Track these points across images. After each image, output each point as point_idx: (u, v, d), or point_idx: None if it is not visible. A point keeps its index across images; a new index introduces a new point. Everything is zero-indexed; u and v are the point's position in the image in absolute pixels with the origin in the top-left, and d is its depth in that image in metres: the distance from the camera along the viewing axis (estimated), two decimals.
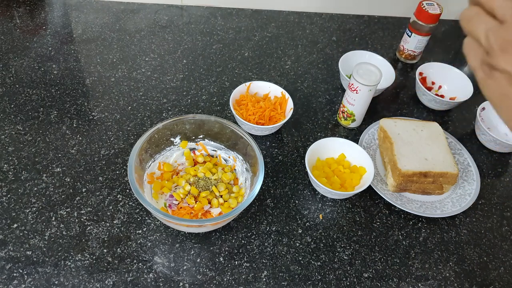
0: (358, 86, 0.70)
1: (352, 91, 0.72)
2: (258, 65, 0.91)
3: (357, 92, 0.71)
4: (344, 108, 0.76)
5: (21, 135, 0.72)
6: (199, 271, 0.59)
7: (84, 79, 0.82)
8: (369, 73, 0.71)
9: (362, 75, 0.70)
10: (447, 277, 0.63)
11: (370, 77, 0.70)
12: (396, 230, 0.67)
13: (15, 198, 0.64)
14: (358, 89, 0.71)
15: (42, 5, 0.97)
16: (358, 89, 0.71)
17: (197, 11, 1.02)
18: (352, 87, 0.72)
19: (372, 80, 0.70)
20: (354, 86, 0.71)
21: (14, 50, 0.86)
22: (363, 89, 0.71)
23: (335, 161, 0.72)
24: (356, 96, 0.72)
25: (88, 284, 0.56)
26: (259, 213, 0.67)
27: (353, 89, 0.72)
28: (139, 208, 0.65)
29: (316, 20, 1.04)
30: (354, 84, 0.71)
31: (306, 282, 0.60)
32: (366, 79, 0.70)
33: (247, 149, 0.65)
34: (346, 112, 0.76)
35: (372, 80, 0.70)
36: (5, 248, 0.59)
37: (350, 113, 0.76)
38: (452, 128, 0.85)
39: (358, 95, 0.72)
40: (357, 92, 0.71)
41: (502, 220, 0.71)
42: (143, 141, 0.62)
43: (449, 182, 0.70)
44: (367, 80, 0.70)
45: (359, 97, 0.72)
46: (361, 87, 0.70)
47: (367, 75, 0.70)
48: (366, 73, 0.70)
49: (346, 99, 0.74)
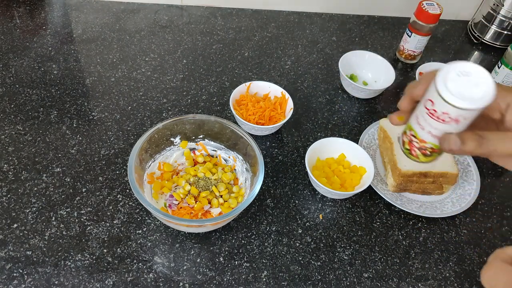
0: (459, 113, 0.36)
1: (444, 121, 0.37)
2: (258, 65, 0.91)
3: (457, 123, 0.37)
4: (424, 144, 0.41)
5: (21, 135, 0.72)
6: (199, 271, 0.59)
7: (84, 79, 0.82)
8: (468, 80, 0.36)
9: (459, 92, 0.35)
10: (447, 277, 0.63)
11: (472, 89, 0.36)
12: (396, 230, 0.67)
13: (15, 198, 0.64)
14: (459, 118, 0.36)
15: (42, 5, 0.97)
16: (460, 117, 0.36)
17: (197, 11, 1.02)
18: (445, 117, 0.37)
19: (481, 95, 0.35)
20: (451, 115, 0.36)
21: (14, 50, 0.86)
22: (468, 115, 0.36)
23: (335, 161, 0.72)
24: (454, 127, 0.38)
25: (88, 284, 0.56)
26: (259, 213, 0.67)
27: (446, 119, 0.37)
28: (139, 208, 0.65)
29: (316, 20, 1.04)
30: (451, 112, 0.36)
31: (306, 282, 0.60)
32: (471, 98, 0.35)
33: (247, 149, 0.65)
34: (431, 148, 0.41)
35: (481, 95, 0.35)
36: (5, 248, 0.59)
37: (438, 148, 0.41)
38: None
39: (457, 125, 0.37)
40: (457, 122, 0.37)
41: (502, 220, 0.71)
42: (143, 141, 0.62)
43: (449, 182, 0.70)
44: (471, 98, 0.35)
45: (459, 127, 0.38)
46: (465, 113, 0.36)
47: (467, 87, 0.36)
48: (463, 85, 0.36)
49: (429, 132, 0.40)
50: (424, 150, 0.42)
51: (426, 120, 0.39)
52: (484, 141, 0.37)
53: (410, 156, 0.44)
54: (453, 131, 0.38)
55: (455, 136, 0.38)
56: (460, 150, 0.38)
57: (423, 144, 0.41)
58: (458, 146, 0.38)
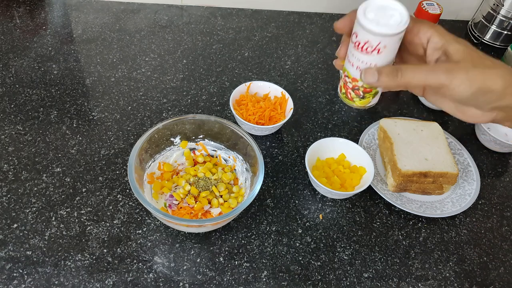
0: (378, 40, 0.40)
1: (368, 52, 0.41)
2: (258, 65, 0.91)
3: (378, 52, 0.41)
4: (355, 82, 0.45)
5: (21, 135, 0.72)
6: (199, 271, 0.59)
7: (84, 79, 0.82)
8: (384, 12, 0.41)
9: (376, 20, 0.40)
10: (447, 277, 0.63)
11: (389, 19, 0.40)
12: (396, 230, 0.67)
13: (15, 198, 0.64)
14: (379, 46, 0.40)
15: (42, 5, 0.97)
16: (380, 46, 0.40)
17: (197, 11, 1.02)
18: (367, 46, 0.41)
19: (395, 23, 0.40)
20: (372, 43, 0.40)
21: (14, 50, 0.86)
22: (387, 42, 0.40)
23: (335, 161, 0.72)
24: (377, 58, 0.42)
25: (88, 284, 0.56)
26: (259, 213, 0.67)
27: (369, 49, 0.41)
28: (139, 208, 0.65)
29: (316, 20, 1.04)
30: (371, 40, 0.40)
31: (306, 282, 0.60)
32: (386, 24, 0.40)
33: (247, 149, 0.65)
34: (363, 86, 0.45)
35: (396, 22, 0.40)
36: (5, 248, 0.59)
37: (369, 86, 0.45)
38: (452, 128, 0.85)
39: (379, 56, 0.41)
40: (379, 51, 0.41)
41: (502, 220, 0.71)
42: (143, 141, 0.62)
43: (449, 182, 0.70)
44: (387, 25, 0.40)
45: (382, 58, 0.42)
46: (383, 40, 0.40)
47: (383, 17, 0.40)
48: (380, 15, 0.41)
49: (357, 68, 0.44)
50: (357, 90, 0.46)
51: (354, 54, 0.43)
52: (399, 73, 0.40)
53: (347, 100, 0.48)
54: (378, 63, 0.42)
55: (373, 69, 0.41)
56: (378, 82, 0.41)
57: (355, 83, 0.45)
58: (375, 78, 0.41)
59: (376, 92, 0.46)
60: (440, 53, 0.41)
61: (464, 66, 0.39)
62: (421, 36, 0.42)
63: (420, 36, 0.42)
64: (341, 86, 0.48)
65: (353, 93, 0.46)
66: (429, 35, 0.41)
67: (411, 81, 0.40)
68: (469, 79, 0.38)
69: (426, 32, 0.41)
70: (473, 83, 0.38)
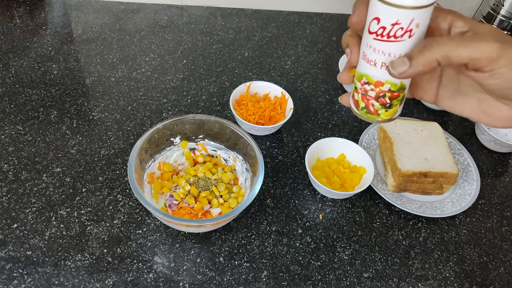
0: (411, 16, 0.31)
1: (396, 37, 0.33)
2: (258, 65, 0.91)
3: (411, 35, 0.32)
4: (380, 87, 0.36)
5: (21, 135, 0.72)
6: (199, 271, 0.59)
7: (84, 79, 0.82)
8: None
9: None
10: (447, 277, 0.63)
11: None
12: (396, 230, 0.67)
13: (15, 198, 0.64)
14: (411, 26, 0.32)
15: (42, 5, 0.97)
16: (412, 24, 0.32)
17: (197, 11, 1.02)
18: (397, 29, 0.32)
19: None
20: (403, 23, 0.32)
21: (14, 50, 0.86)
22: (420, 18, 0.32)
23: (335, 161, 0.72)
24: (408, 44, 0.33)
25: (88, 284, 0.56)
26: (259, 213, 0.67)
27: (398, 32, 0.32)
28: (139, 208, 0.65)
29: (316, 20, 1.04)
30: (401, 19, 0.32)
31: (306, 282, 0.60)
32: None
33: (247, 149, 0.65)
34: (390, 90, 0.36)
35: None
36: (5, 248, 0.59)
37: (397, 88, 0.36)
38: (452, 128, 0.85)
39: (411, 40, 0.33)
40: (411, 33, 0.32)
41: (502, 220, 0.71)
42: (143, 141, 0.62)
43: (449, 182, 0.70)
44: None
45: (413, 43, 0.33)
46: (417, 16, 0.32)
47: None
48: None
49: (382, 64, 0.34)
50: (383, 97, 0.36)
51: (376, 48, 0.34)
52: (433, 43, 0.31)
53: (368, 115, 0.38)
54: (408, 50, 0.33)
55: (400, 58, 0.33)
56: (412, 67, 0.32)
57: (380, 88, 0.36)
58: (406, 63, 0.32)
59: (403, 96, 0.37)
60: None
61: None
62: (439, 21, 0.34)
63: (438, 21, 0.34)
64: (357, 101, 0.38)
65: (377, 104, 0.36)
66: (450, 20, 0.34)
67: (453, 50, 0.31)
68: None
69: (445, 17, 0.34)
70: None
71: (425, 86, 0.39)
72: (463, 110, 0.37)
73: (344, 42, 0.37)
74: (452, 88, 0.37)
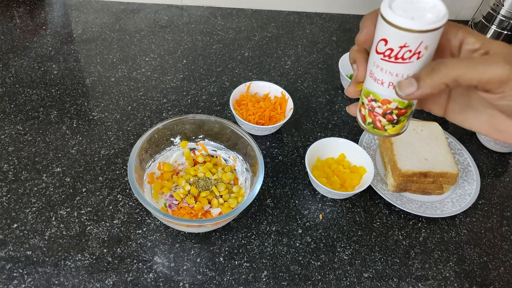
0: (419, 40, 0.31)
1: (404, 59, 0.32)
2: (258, 65, 0.91)
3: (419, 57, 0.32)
4: (388, 105, 0.36)
5: (21, 135, 0.72)
6: (199, 271, 0.59)
7: (84, 79, 0.82)
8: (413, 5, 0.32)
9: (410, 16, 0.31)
10: (447, 277, 0.63)
11: (423, 12, 0.31)
12: (396, 230, 0.67)
13: (15, 198, 0.64)
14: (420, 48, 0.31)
15: (42, 5, 0.97)
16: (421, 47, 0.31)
17: (197, 11, 1.02)
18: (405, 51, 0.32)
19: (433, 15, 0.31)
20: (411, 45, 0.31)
21: (14, 50, 0.86)
22: (429, 40, 0.31)
23: (335, 161, 0.72)
24: (416, 65, 0.33)
25: (88, 284, 0.56)
26: (259, 213, 0.67)
27: (406, 54, 0.32)
28: (139, 208, 0.65)
29: (316, 20, 1.04)
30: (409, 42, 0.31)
31: (306, 282, 0.60)
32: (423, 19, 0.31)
33: (247, 149, 0.65)
34: (397, 108, 0.36)
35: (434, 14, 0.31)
36: (5, 248, 0.59)
37: (405, 106, 0.36)
38: (452, 128, 0.85)
39: (419, 61, 0.32)
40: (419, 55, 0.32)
41: (502, 220, 0.71)
42: (143, 141, 0.62)
43: (449, 182, 0.70)
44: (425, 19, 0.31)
45: (421, 64, 0.33)
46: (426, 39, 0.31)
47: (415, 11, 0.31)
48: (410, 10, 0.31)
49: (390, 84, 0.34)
50: (390, 114, 0.36)
51: (383, 68, 0.33)
52: (442, 66, 0.31)
53: (375, 130, 0.38)
54: (416, 70, 0.33)
55: (408, 79, 0.32)
56: (420, 89, 0.32)
57: (387, 106, 0.35)
58: (414, 85, 0.32)
59: (411, 111, 0.37)
60: (479, 55, 0.33)
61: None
62: (450, 37, 0.33)
63: (449, 37, 0.33)
64: (364, 116, 0.37)
65: (384, 120, 0.36)
66: (461, 36, 0.33)
67: (462, 73, 0.30)
68: None
69: (456, 33, 0.33)
70: None
71: (434, 100, 0.38)
72: (473, 125, 0.36)
73: (351, 57, 0.36)
74: (462, 102, 0.36)
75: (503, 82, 0.30)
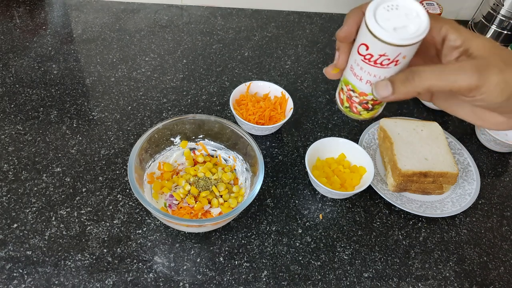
0: (398, 52, 0.33)
1: (383, 65, 0.34)
2: (258, 65, 0.91)
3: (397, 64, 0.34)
4: (364, 97, 0.38)
5: (21, 135, 0.72)
6: (199, 271, 0.59)
7: (84, 79, 0.82)
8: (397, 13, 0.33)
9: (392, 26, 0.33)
10: (447, 277, 0.63)
11: (405, 22, 0.33)
12: (396, 230, 0.67)
13: (15, 198, 0.64)
14: (397, 58, 0.34)
15: (42, 5, 0.97)
16: (399, 57, 0.34)
17: (197, 11, 1.02)
18: (383, 59, 0.34)
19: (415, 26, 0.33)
20: (390, 56, 0.33)
21: (14, 50, 0.86)
22: (407, 52, 0.33)
23: (335, 161, 0.72)
24: (393, 70, 0.35)
25: (88, 284, 0.56)
26: (259, 213, 0.67)
27: (385, 61, 0.34)
28: (139, 208, 0.65)
29: (316, 20, 1.04)
30: (388, 52, 0.33)
31: (306, 282, 0.60)
32: (405, 30, 0.33)
33: (247, 149, 0.65)
34: (373, 100, 0.38)
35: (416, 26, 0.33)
36: (5, 248, 0.59)
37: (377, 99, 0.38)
38: (452, 128, 0.85)
39: (397, 67, 0.35)
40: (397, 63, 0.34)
41: (502, 220, 0.71)
42: (143, 141, 0.62)
43: (449, 182, 0.70)
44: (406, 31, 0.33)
45: (398, 69, 0.35)
46: (404, 51, 0.33)
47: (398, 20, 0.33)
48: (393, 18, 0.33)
49: (368, 82, 0.37)
50: (366, 104, 0.39)
51: (363, 68, 0.35)
52: (415, 76, 0.33)
53: (351, 114, 0.41)
54: (393, 74, 0.35)
55: (384, 81, 0.34)
56: (394, 94, 0.34)
57: (364, 97, 0.38)
58: (389, 90, 0.34)
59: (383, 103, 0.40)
60: (459, 52, 0.34)
61: (496, 64, 0.32)
62: (434, 33, 0.35)
63: (433, 34, 0.35)
64: (342, 100, 0.40)
65: (360, 107, 0.39)
66: (444, 32, 0.34)
67: (433, 84, 0.32)
68: (505, 81, 0.31)
69: (440, 29, 0.35)
70: (510, 85, 0.31)
71: None
72: (457, 113, 0.38)
73: (336, 45, 0.38)
74: (447, 92, 0.38)
75: (472, 90, 0.32)
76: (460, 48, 0.34)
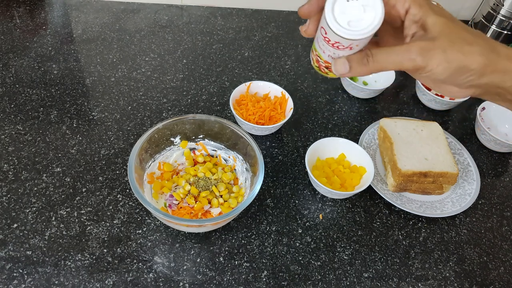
0: (349, 43, 0.37)
1: (339, 48, 0.38)
2: (258, 65, 0.91)
3: (351, 49, 0.38)
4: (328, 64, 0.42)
5: (21, 135, 0.72)
6: (199, 271, 0.59)
7: (84, 79, 0.82)
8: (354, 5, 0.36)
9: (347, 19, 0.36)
10: (447, 277, 0.63)
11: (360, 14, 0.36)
12: (396, 230, 0.67)
13: (15, 198, 0.64)
14: (350, 45, 0.37)
15: (42, 5, 0.97)
16: (352, 45, 0.37)
17: (197, 11, 1.02)
18: (338, 45, 0.38)
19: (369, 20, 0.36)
20: (343, 44, 0.37)
21: (14, 50, 0.86)
22: (359, 42, 0.37)
23: (335, 161, 0.72)
24: (349, 52, 0.39)
25: (88, 284, 0.56)
26: (259, 213, 0.67)
27: (340, 47, 0.38)
28: (139, 208, 0.65)
29: None
30: (341, 42, 0.37)
31: (306, 282, 0.60)
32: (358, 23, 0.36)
33: (247, 149, 0.65)
34: None
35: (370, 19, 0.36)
36: (5, 248, 0.59)
37: None
38: (452, 128, 0.85)
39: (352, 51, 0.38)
40: (351, 49, 0.38)
41: (502, 220, 0.71)
42: (143, 141, 0.62)
43: (449, 182, 0.70)
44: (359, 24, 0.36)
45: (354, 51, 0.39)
46: (355, 42, 0.37)
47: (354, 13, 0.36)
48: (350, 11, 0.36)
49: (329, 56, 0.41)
50: (331, 68, 0.42)
51: (324, 45, 0.40)
52: (370, 59, 0.37)
53: (320, 72, 0.45)
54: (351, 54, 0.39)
55: (343, 60, 0.38)
56: (350, 72, 0.38)
57: (328, 64, 0.42)
58: (346, 68, 0.38)
59: None
60: (417, 26, 0.37)
61: (440, 45, 0.35)
62: (398, 7, 0.37)
63: (397, 8, 0.37)
64: (313, 59, 0.45)
65: (327, 70, 0.44)
66: (407, 6, 0.37)
67: (384, 65, 0.37)
68: (447, 60, 0.35)
69: (404, 3, 0.37)
70: (451, 64, 0.35)
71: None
72: (420, 80, 0.41)
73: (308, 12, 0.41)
74: None
75: (417, 69, 0.36)
76: (418, 23, 0.37)
